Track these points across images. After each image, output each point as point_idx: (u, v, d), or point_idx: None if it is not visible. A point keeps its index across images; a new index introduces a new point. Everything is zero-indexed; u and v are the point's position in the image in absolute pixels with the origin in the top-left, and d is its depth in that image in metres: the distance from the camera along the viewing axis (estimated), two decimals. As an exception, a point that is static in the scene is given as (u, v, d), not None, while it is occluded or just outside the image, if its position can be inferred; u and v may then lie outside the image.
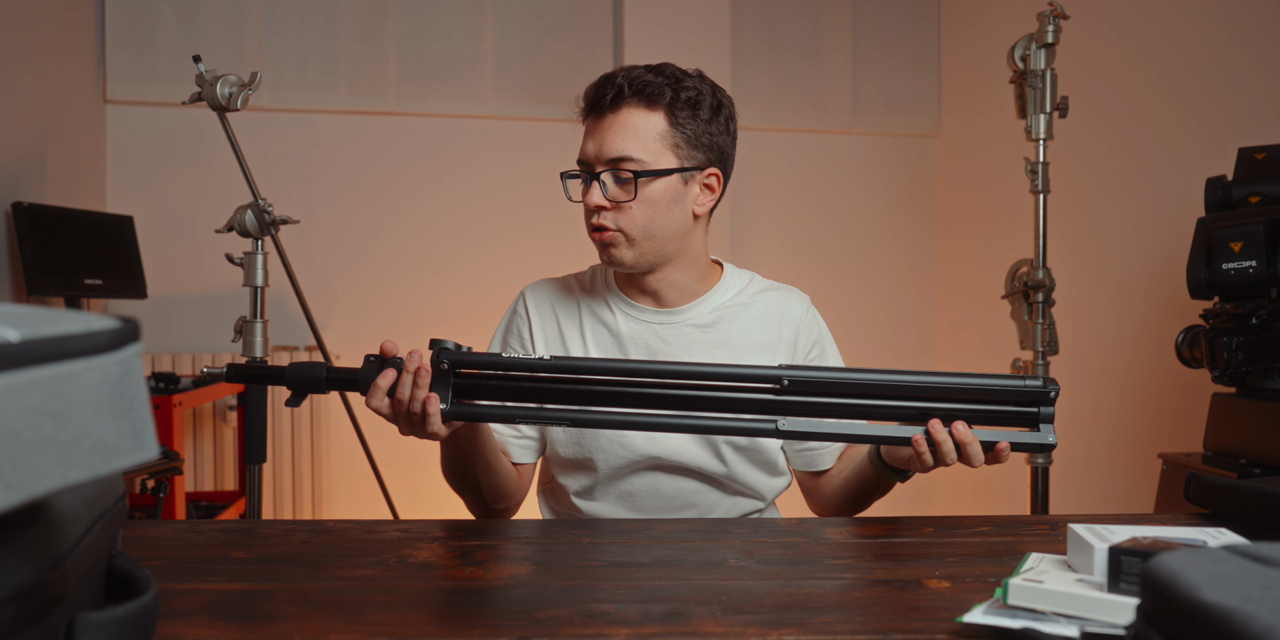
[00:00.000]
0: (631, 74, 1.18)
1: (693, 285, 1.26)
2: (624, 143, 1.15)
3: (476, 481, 1.17)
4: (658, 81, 1.17)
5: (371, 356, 1.00)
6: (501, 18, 3.30)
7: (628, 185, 1.16)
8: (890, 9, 3.64)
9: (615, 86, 1.16)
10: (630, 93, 1.16)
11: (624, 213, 1.16)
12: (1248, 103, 2.19)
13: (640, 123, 1.16)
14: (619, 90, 1.16)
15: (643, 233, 1.17)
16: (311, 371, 1.00)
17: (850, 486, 1.22)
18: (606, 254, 1.20)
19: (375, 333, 3.18)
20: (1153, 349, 2.41)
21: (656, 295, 1.25)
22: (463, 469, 1.16)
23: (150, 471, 2.20)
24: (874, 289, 3.64)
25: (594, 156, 1.17)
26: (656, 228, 1.17)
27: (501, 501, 1.22)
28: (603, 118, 1.18)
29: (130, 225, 2.79)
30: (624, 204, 1.16)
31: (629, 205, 1.16)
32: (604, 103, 1.17)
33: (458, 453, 1.14)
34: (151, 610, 0.50)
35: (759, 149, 3.51)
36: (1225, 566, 0.48)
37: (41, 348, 0.40)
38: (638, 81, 1.16)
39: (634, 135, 1.16)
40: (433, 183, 3.28)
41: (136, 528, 1.00)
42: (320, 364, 1.01)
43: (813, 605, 0.74)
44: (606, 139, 1.16)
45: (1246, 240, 1.60)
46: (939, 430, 0.95)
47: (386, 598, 0.76)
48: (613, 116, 1.17)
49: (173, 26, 3.03)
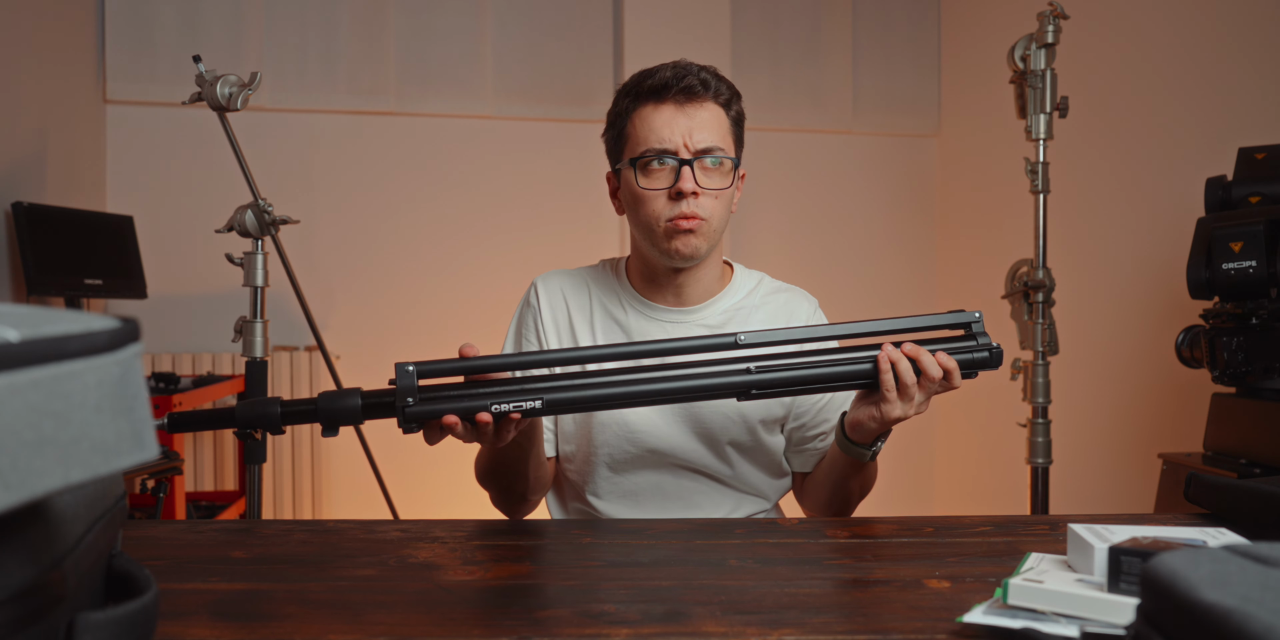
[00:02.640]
0: (701, 70, 1.19)
1: (712, 284, 1.27)
2: (712, 134, 1.17)
3: (526, 476, 1.18)
4: (722, 81, 1.20)
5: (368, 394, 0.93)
6: (501, 18, 3.30)
7: (711, 173, 1.17)
8: (890, 9, 3.64)
9: (699, 78, 1.17)
10: (706, 88, 1.18)
11: (708, 201, 1.17)
12: (1248, 103, 2.19)
13: (719, 116, 1.19)
14: (703, 82, 1.18)
15: (719, 223, 1.19)
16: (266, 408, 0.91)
17: (826, 475, 1.24)
18: (686, 243, 1.17)
19: (375, 332, 3.18)
20: (1153, 349, 2.41)
21: (679, 292, 1.25)
22: (513, 464, 1.16)
23: (150, 471, 2.20)
24: (874, 289, 3.64)
25: (683, 143, 1.16)
26: (721, 219, 1.20)
27: (539, 492, 1.25)
28: (685, 106, 1.17)
29: (130, 225, 2.79)
30: (713, 191, 1.17)
31: (715, 194, 1.17)
32: (694, 91, 1.17)
33: (516, 449, 1.13)
34: (151, 610, 0.50)
35: (759, 149, 3.50)
36: (1225, 566, 0.48)
37: (41, 348, 0.40)
38: (711, 78, 1.19)
39: (718, 127, 1.18)
40: (433, 183, 3.28)
41: (136, 528, 1.00)
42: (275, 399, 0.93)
43: (813, 605, 0.74)
44: (696, 128, 1.16)
45: (1246, 240, 1.60)
46: (891, 350, 1.00)
47: (386, 598, 0.76)
48: (697, 107, 1.18)
49: (173, 26, 3.03)
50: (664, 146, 1.16)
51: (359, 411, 0.92)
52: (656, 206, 1.17)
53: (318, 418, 0.92)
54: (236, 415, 0.92)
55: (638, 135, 1.18)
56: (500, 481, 1.21)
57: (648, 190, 1.17)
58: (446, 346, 3.43)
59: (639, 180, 1.17)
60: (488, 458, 1.19)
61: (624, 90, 1.22)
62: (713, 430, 1.22)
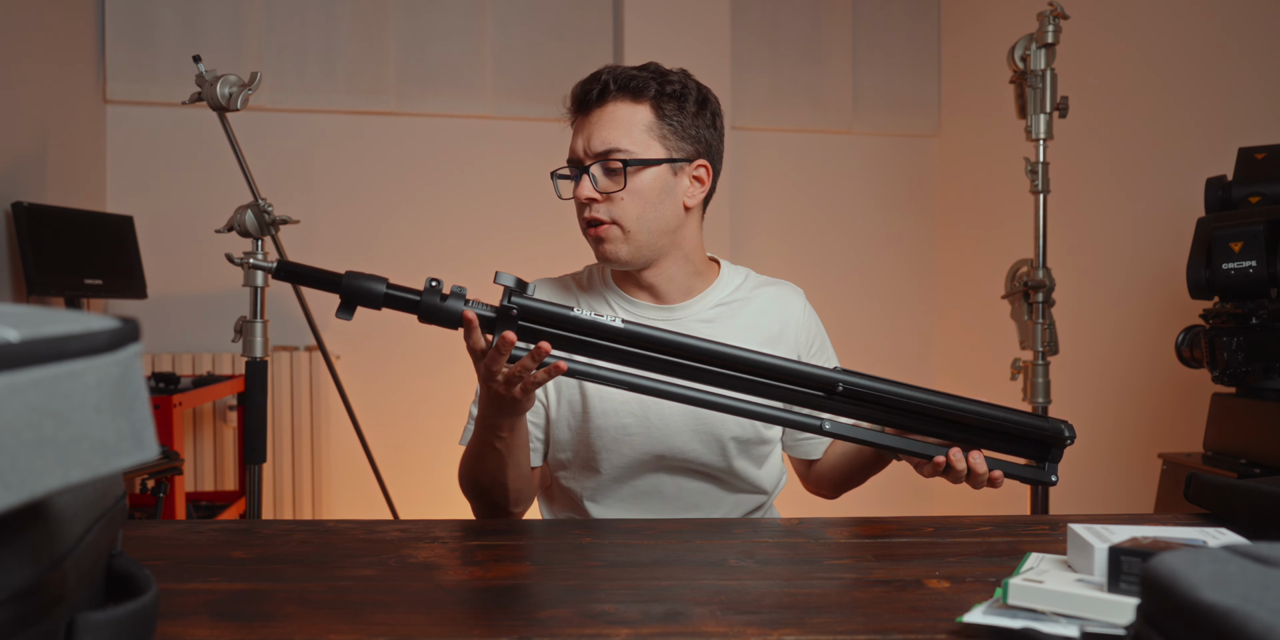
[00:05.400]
0: (616, 70, 1.19)
1: (690, 281, 1.26)
2: (611, 135, 1.17)
3: (504, 484, 1.14)
4: (642, 76, 1.18)
5: (433, 281, 0.96)
6: (501, 18, 3.30)
7: (617, 175, 1.17)
8: (890, 9, 3.64)
9: (600, 83, 1.18)
10: (616, 87, 1.17)
11: (616, 204, 1.17)
12: (1248, 103, 2.19)
13: (627, 115, 1.17)
14: (604, 86, 1.18)
15: (636, 224, 1.17)
16: (371, 285, 0.94)
17: (848, 464, 1.26)
18: (601, 250, 1.20)
19: (375, 333, 3.18)
20: (1153, 349, 2.41)
21: (654, 291, 1.25)
22: (493, 470, 1.13)
23: (150, 471, 2.20)
24: (874, 289, 3.64)
25: (583, 152, 1.18)
26: (649, 219, 1.18)
27: (520, 504, 1.20)
28: (590, 113, 1.19)
29: (130, 225, 2.79)
30: (615, 195, 1.16)
31: (620, 196, 1.16)
32: (590, 99, 1.19)
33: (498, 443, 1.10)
34: (151, 610, 0.50)
35: (759, 149, 3.51)
36: (1225, 566, 0.48)
37: (41, 348, 0.40)
38: (622, 76, 1.18)
39: (621, 127, 1.17)
40: (433, 183, 3.28)
41: (136, 528, 1.00)
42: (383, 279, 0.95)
43: (813, 605, 0.74)
44: (594, 133, 1.17)
45: (1246, 240, 1.60)
46: (958, 458, 1.02)
47: (386, 598, 0.75)
48: (599, 111, 1.18)
49: (173, 26, 3.03)
50: (571, 156, 1.20)
51: (458, 316, 0.95)
52: (579, 215, 1.21)
53: (417, 310, 0.95)
54: (342, 282, 0.94)
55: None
56: (478, 489, 1.17)
57: (565, 199, 1.22)
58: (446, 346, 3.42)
59: (558, 190, 1.23)
60: (471, 460, 1.16)
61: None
62: (715, 429, 1.22)
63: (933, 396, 1.02)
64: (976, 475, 1.03)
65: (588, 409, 1.21)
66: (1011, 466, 1.06)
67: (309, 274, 0.97)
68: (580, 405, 1.22)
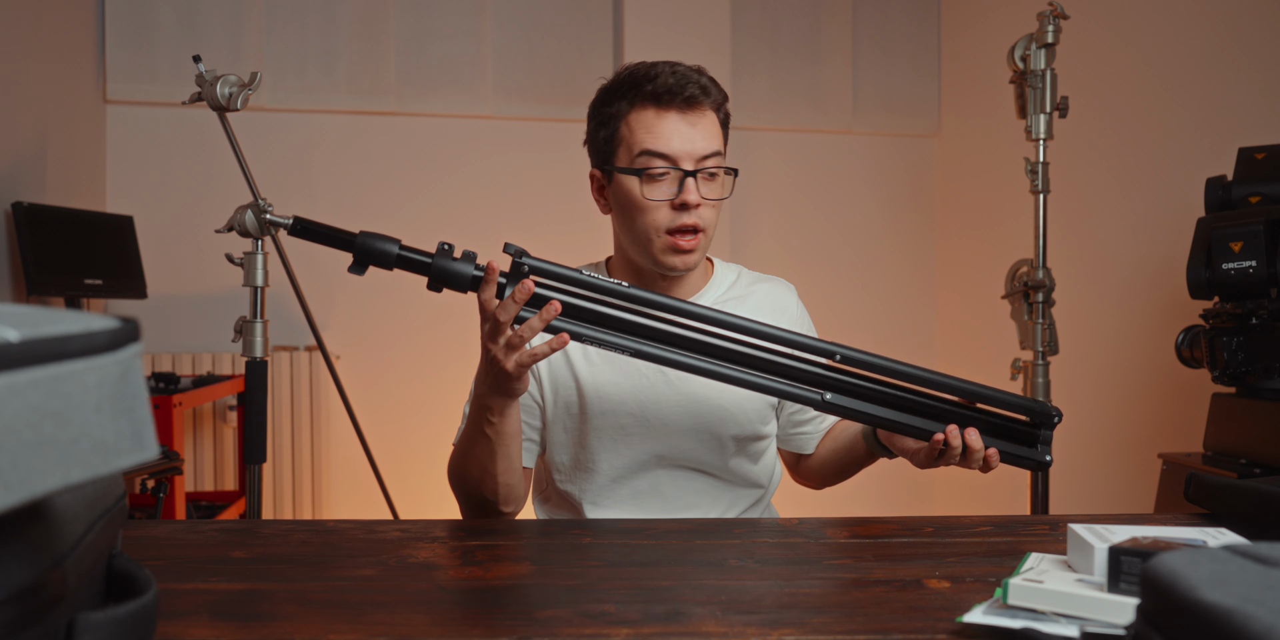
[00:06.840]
0: (693, 71, 1.18)
1: (697, 280, 1.28)
2: (713, 143, 1.17)
3: (494, 475, 1.12)
4: (715, 85, 1.19)
5: (445, 244, 0.98)
6: (501, 18, 3.30)
7: (718, 183, 1.17)
8: (890, 9, 3.64)
9: (699, 85, 1.16)
10: (709, 94, 1.17)
11: (707, 212, 1.17)
12: (1248, 103, 2.19)
13: (715, 123, 1.19)
14: (703, 89, 1.16)
15: (711, 232, 1.19)
16: (384, 245, 0.96)
17: (839, 459, 1.28)
18: (686, 260, 1.18)
19: (375, 333, 3.18)
20: (1153, 349, 2.41)
21: (667, 292, 1.25)
22: (483, 457, 1.10)
23: (150, 471, 2.20)
24: (874, 289, 3.64)
25: (686, 153, 1.15)
26: (715, 227, 1.20)
27: (510, 504, 1.17)
28: (689, 113, 1.16)
29: (130, 225, 2.79)
30: (713, 202, 1.17)
31: (714, 204, 1.17)
32: (694, 99, 1.16)
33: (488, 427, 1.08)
34: (151, 610, 0.50)
35: (759, 149, 3.51)
36: (1225, 566, 0.48)
37: (41, 348, 0.40)
38: (706, 81, 1.18)
39: (717, 135, 1.18)
40: (433, 183, 3.28)
41: (136, 528, 1.00)
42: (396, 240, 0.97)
43: (813, 605, 0.74)
44: (698, 136, 1.16)
45: (1246, 240, 1.60)
46: (955, 435, 1.04)
47: (386, 598, 0.75)
48: (697, 114, 1.17)
49: (173, 26, 3.03)
50: (669, 157, 1.14)
51: (468, 278, 0.98)
52: (658, 217, 1.15)
53: (429, 272, 0.97)
54: (356, 241, 0.96)
55: (636, 140, 1.15)
56: (467, 481, 1.15)
57: (651, 201, 1.15)
58: (446, 347, 3.41)
59: (642, 190, 1.15)
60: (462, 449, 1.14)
61: (618, 89, 1.19)
62: (715, 428, 1.22)
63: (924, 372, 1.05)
64: (973, 452, 1.04)
65: (585, 410, 1.21)
66: (1006, 446, 1.07)
67: (324, 231, 0.99)
68: (578, 407, 1.22)
